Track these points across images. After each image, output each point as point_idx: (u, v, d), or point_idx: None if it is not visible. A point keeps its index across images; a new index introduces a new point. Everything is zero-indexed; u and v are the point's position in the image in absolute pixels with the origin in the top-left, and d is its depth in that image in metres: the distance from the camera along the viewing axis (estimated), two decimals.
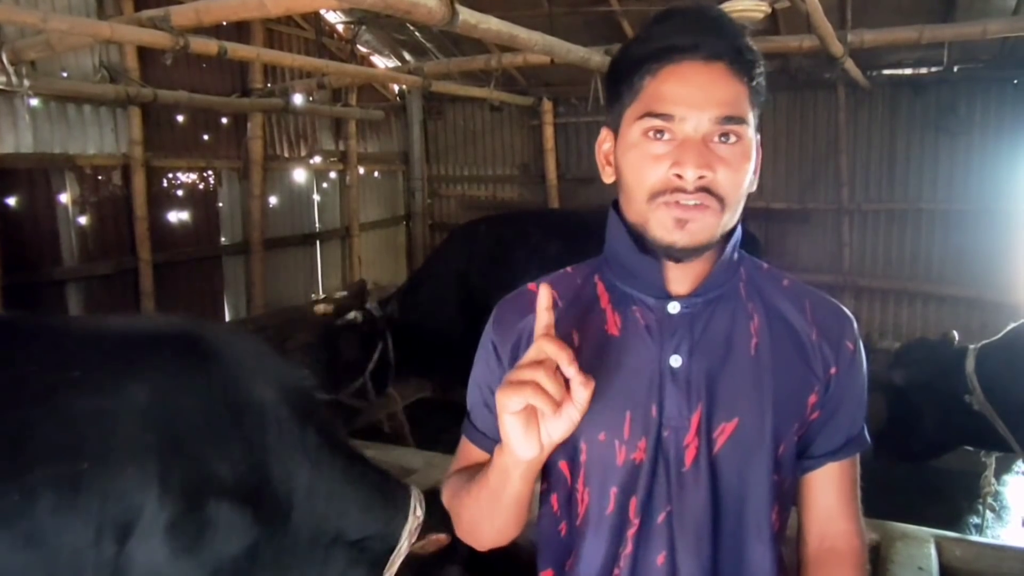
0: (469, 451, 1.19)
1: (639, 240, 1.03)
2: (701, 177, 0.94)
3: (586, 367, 1.04)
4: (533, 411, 0.88)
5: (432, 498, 1.93)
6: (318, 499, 1.73)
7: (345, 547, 1.77)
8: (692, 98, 0.95)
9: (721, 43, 0.96)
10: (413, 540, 1.81)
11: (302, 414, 1.75)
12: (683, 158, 0.94)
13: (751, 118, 0.98)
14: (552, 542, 1.13)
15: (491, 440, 1.14)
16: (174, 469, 1.53)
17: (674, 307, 1.03)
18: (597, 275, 1.11)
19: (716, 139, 0.96)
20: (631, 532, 1.03)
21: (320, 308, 4.26)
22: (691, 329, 1.03)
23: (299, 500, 1.70)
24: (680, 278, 1.04)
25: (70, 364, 1.57)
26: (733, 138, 0.96)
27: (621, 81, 1.01)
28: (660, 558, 1.02)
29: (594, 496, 1.06)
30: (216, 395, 1.64)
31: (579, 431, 1.04)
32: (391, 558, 1.79)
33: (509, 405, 0.86)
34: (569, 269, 1.15)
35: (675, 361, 1.02)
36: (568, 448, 1.07)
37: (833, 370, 1.06)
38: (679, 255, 0.99)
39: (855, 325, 1.10)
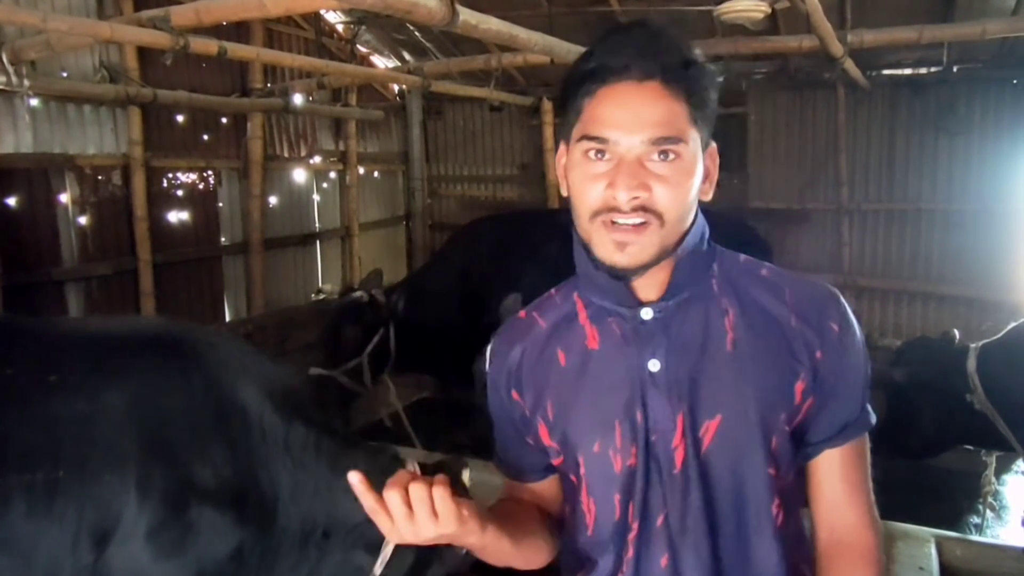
0: (517, 489, 1.24)
1: None
2: (635, 198, 0.95)
3: (572, 383, 1.08)
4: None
5: (433, 468, 1.93)
6: (304, 497, 1.72)
7: (340, 536, 1.77)
8: (624, 121, 0.96)
9: (653, 62, 0.96)
10: None
11: (287, 412, 1.74)
12: (616, 180, 0.96)
13: (691, 134, 0.98)
14: (568, 554, 1.16)
15: (527, 471, 1.20)
16: (154, 475, 1.52)
17: (647, 313, 1.04)
18: (576, 293, 1.12)
19: (654, 157, 0.96)
20: (631, 536, 1.04)
21: (327, 287, 4.27)
22: (666, 332, 1.03)
23: (284, 500, 1.70)
24: (647, 284, 1.05)
25: (48, 368, 1.56)
26: (671, 155, 0.96)
27: (567, 100, 1.03)
28: (663, 560, 1.03)
29: (599, 505, 1.07)
30: (198, 399, 1.63)
31: (576, 445, 1.07)
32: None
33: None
34: (553, 291, 1.18)
35: (653, 366, 1.02)
36: (571, 463, 1.09)
37: (818, 354, 1.04)
38: (622, 274, 1.01)
39: (841, 303, 1.07)
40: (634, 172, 0.95)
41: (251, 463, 1.66)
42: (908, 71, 6.01)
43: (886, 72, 6.03)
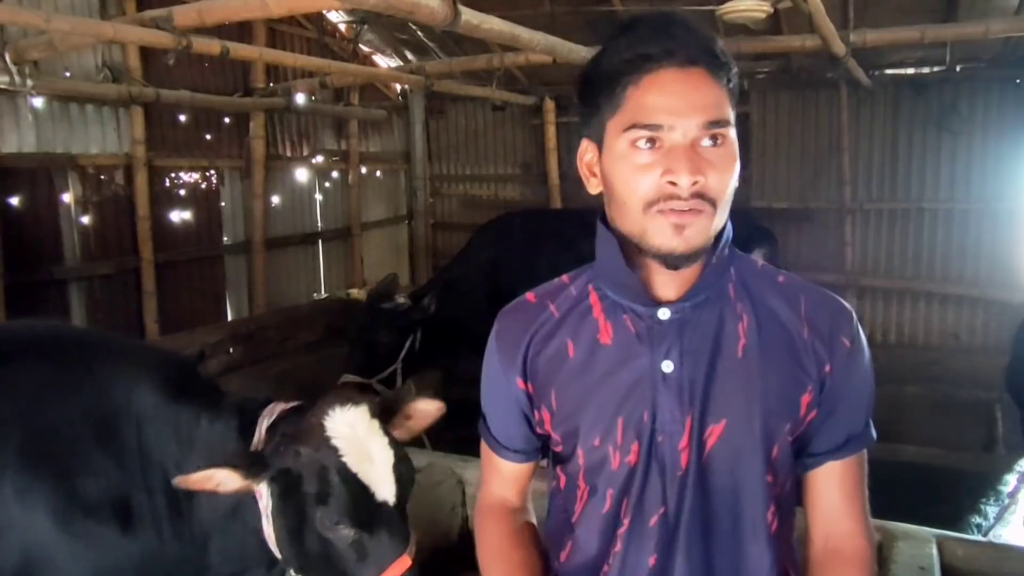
0: (494, 462, 1.21)
1: (626, 250, 1.03)
2: (695, 183, 0.94)
3: (579, 375, 1.06)
4: None
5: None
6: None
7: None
8: (677, 106, 0.95)
9: (697, 48, 0.96)
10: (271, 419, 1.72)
11: (176, 395, 1.69)
12: (675, 166, 0.94)
13: (732, 119, 0.99)
14: (553, 536, 1.16)
15: (511, 451, 1.17)
16: (33, 490, 1.48)
17: (664, 313, 1.03)
18: (591, 284, 1.11)
19: (704, 143, 0.96)
20: (621, 531, 1.04)
21: (355, 292, 4.26)
22: (681, 334, 1.03)
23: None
24: (669, 283, 1.04)
25: None
26: (720, 140, 0.96)
27: (599, 92, 1.00)
28: (651, 559, 1.03)
29: (592, 495, 1.08)
30: (84, 406, 1.58)
31: (577, 438, 1.07)
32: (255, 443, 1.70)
33: None
34: (565, 278, 1.16)
35: (667, 367, 1.02)
36: (570, 454, 1.09)
37: (827, 368, 1.04)
38: (677, 262, 0.99)
39: (854, 320, 1.08)
40: (691, 157, 0.94)
41: (143, 464, 1.62)
42: (911, 70, 6.00)
43: (889, 71, 6.03)
